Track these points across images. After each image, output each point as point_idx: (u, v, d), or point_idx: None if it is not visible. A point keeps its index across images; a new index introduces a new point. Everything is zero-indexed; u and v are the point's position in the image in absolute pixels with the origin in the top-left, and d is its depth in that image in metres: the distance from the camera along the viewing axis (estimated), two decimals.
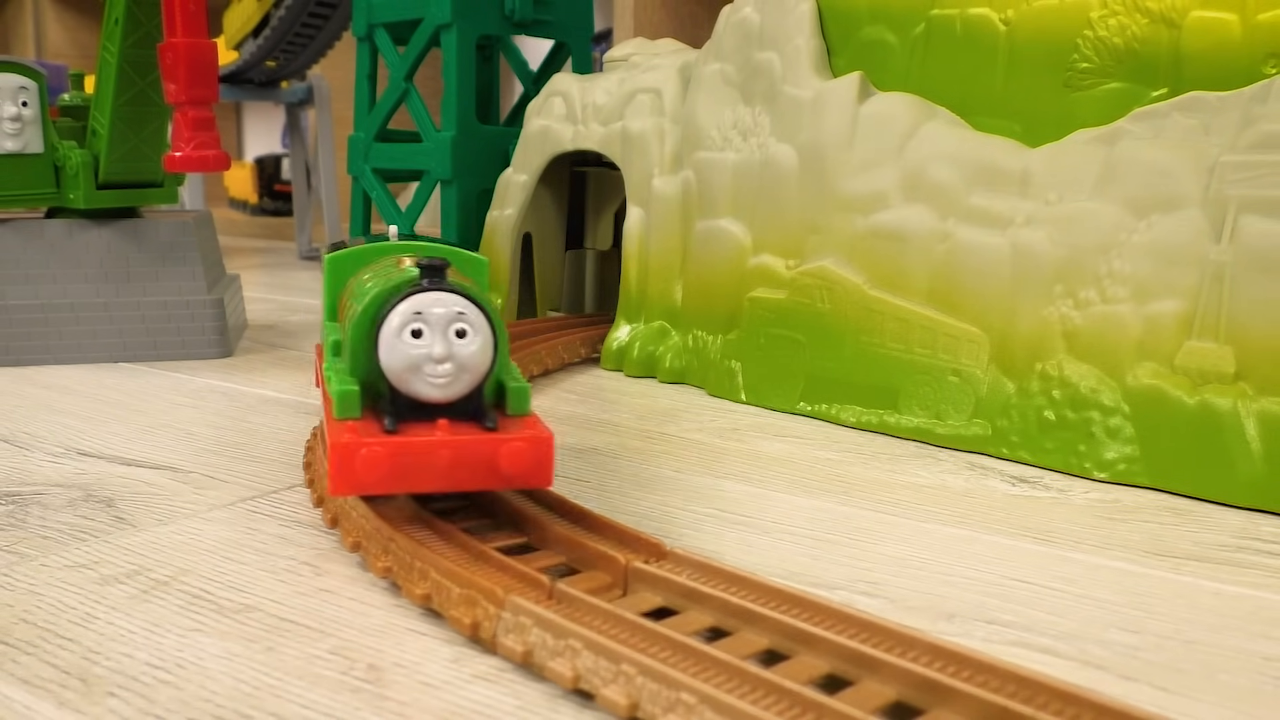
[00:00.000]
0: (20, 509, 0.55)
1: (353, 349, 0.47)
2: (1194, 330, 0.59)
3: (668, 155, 0.90)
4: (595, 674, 0.36)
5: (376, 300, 0.46)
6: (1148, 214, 0.61)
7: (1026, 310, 0.66)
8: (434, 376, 0.45)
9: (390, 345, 0.45)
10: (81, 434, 0.70)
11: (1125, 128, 0.63)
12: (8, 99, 0.90)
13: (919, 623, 0.43)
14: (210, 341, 0.95)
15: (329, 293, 0.56)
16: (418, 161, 1.15)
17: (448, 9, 1.09)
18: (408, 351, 0.45)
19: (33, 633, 0.41)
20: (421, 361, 0.45)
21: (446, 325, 0.45)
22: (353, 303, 0.49)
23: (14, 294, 0.91)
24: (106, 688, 0.37)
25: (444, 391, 0.45)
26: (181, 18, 0.80)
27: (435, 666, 0.39)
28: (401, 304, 0.45)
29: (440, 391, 0.45)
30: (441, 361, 0.45)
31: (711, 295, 0.84)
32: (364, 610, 0.43)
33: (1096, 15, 0.66)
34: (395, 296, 0.46)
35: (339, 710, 0.36)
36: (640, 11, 1.43)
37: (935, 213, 0.70)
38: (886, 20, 0.77)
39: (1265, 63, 0.60)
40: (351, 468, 0.43)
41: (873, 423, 0.72)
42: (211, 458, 0.65)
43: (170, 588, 0.46)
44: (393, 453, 0.43)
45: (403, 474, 0.44)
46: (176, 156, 0.83)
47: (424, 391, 0.45)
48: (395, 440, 0.44)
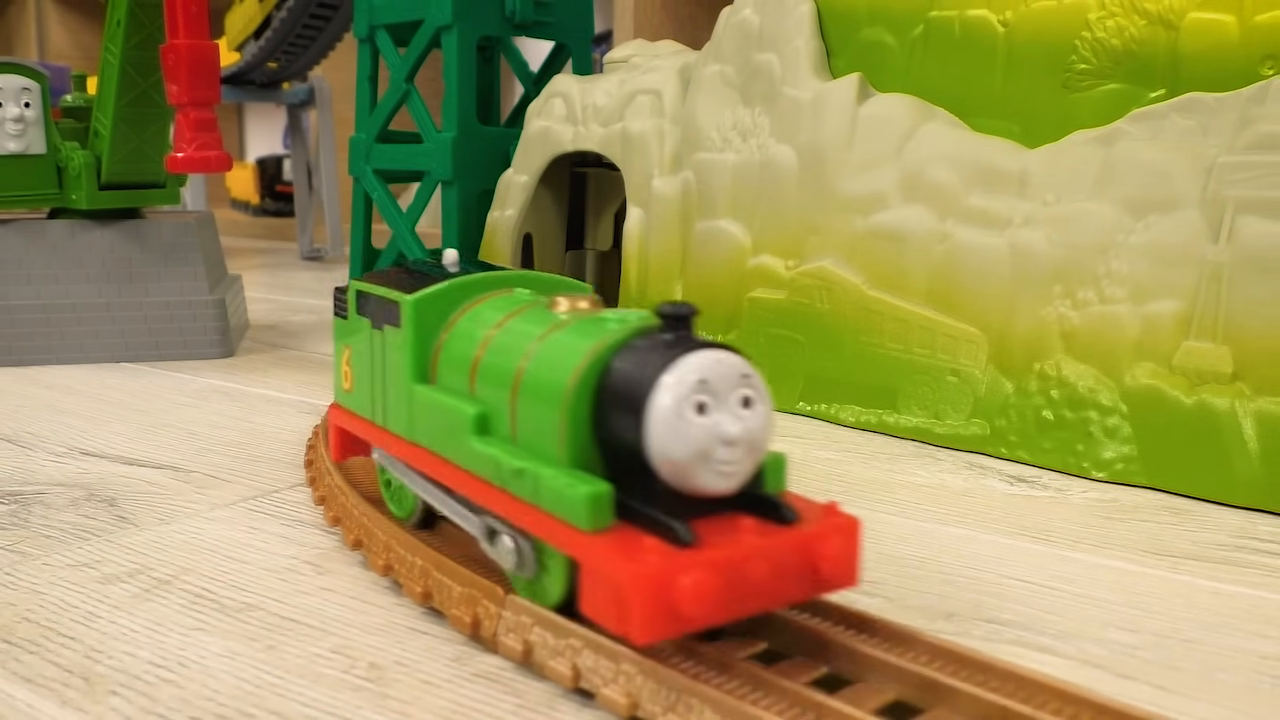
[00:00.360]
0: (23, 508, 0.55)
1: (550, 427, 0.36)
2: (1191, 330, 0.59)
3: (668, 156, 0.90)
4: (595, 673, 0.36)
5: (599, 362, 0.36)
6: (1146, 214, 0.61)
7: (1025, 310, 0.66)
8: (726, 464, 0.34)
9: (671, 426, 0.33)
10: (84, 434, 0.70)
11: (1123, 129, 0.63)
12: (11, 100, 0.90)
13: (918, 622, 0.43)
14: (212, 341, 0.95)
15: (415, 345, 0.43)
16: (419, 162, 1.15)
17: (448, 10, 1.09)
18: (696, 434, 0.33)
19: (35, 631, 0.41)
20: (712, 446, 0.34)
21: (731, 393, 0.34)
22: (504, 360, 0.39)
23: (17, 294, 0.91)
24: (109, 686, 0.37)
25: (733, 481, 0.35)
26: (183, 19, 0.80)
27: (436, 665, 0.39)
28: (677, 369, 0.34)
29: (730, 482, 0.35)
30: (734, 443, 0.34)
31: (711, 295, 0.84)
32: (365, 609, 0.43)
33: (1094, 17, 0.66)
34: (654, 358, 0.34)
35: (341, 708, 0.36)
36: (640, 13, 1.43)
37: (934, 213, 0.70)
38: (885, 22, 0.76)
39: (1262, 64, 0.60)
40: (672, 604, 0.32)
41: (872, 422, 0.72)
42: (213, 457, 0.65)
43: (172, 587, 0.46)
44: (723, 575, 0.33)
45: (729, 600, 0.33)
46: (178, 157, 0.83)
47: (710, 484, 0.34)
48: (716, 558, 0.33)
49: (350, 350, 0.49)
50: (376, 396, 0.47)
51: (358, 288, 0.48)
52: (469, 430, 0.39)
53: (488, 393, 0.40)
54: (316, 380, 0.86)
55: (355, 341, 0.48)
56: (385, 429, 0.46)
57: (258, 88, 1.70)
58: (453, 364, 0.42)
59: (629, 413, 0.34)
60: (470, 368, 0.41)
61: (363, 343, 0.48)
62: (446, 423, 0.41)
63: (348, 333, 0.49)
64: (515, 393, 0.38)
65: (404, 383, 0.44)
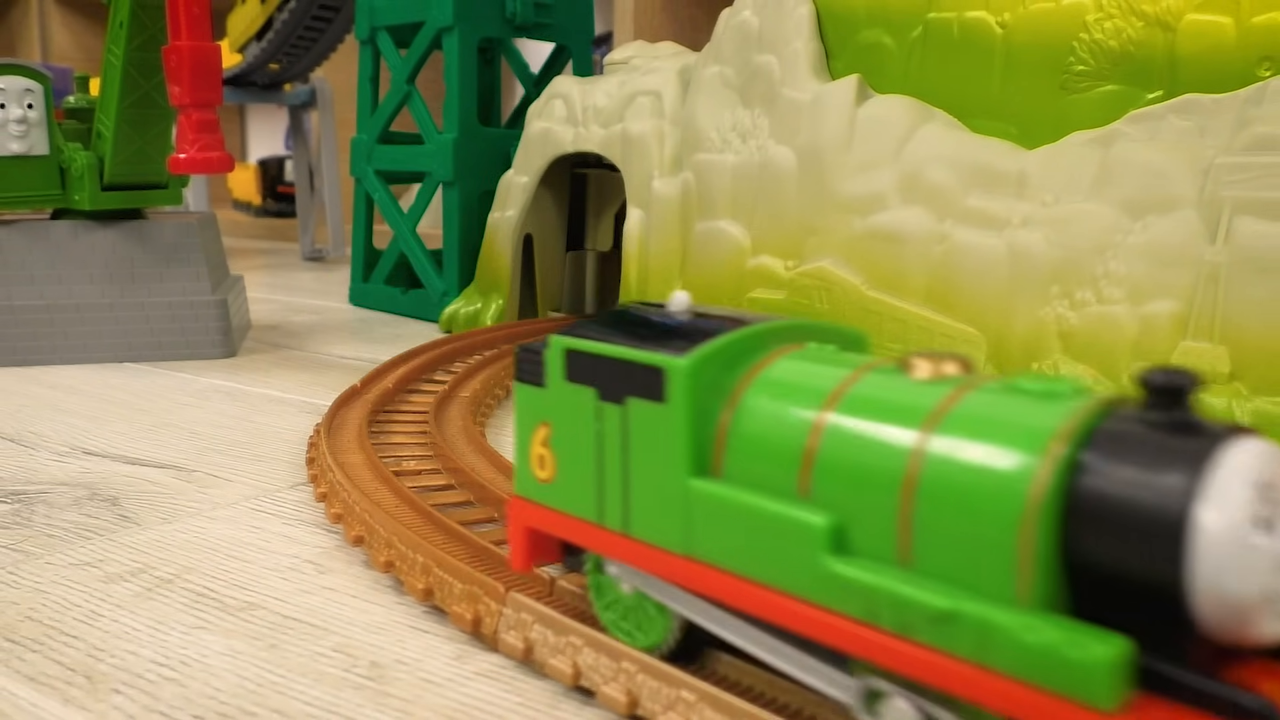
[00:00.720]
0: (26, 507, 0.55)
1: (995, 551, 0.26)
2: (1189, 331, 0.59)
3: (667, 157, 0.90)
4: (596, 671, 0.36)
5: (1070, 459, 0.26)
6: (1143, 215, 0.61)
7: (1023, 311, 0.66)
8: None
9: (1230, 554, 0.24)
10: (87, 433, 0.70)
11: (1121, 130, 0.63)
12: (14, 101, 0.90)
13: None
14: (214, 342, 0.95)
15: (692, 426, 0.32)
16: (420, 163, 1.15)
17: (449, 12, 1.09)
18: (1264, 563, 0.24)
19: (38, 630, 0.41)
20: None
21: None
22: (869, 450, 0.29)
23: (20, 295, 0.91)
24: (111, 685, 0.37)
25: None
26: (186, 21, 0.80)
27: (437, 664, 0.39)
28: (1223, 470, 0.24)
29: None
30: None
31: (711, 296, 0.84)
32: (367, 608, 0.44)
33: (1092, 18, 0.66)
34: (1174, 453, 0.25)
35: (342, 707, 0.36)
36: (640, 15, 1.43)
37: (932, 214, 0.70)
38: (884, 23, 0.77)
39: (1259, 65, 0.60)
40: None
41: None
42: (215, 457, 0.65)
43: (174, 586, 0.46)
44: None
45: None
46: (181, 158, 0.83)
47: (1272, 631, 0.24)
48: None
49: (550, 429, 0.37)
50: (609, 493, 0.35)
51: (571, 346, 0.36)
52: (820, 548, 0.29)
53: (842, 496, 0.29)
54: (318, 380, 0.86)
55: (562, 418, 0.36)
56: (628, 536, 0.34)
57: (260, 89, 1.70)
58: (758, 452, 0.32)
59: (1150, 536, 0.24)
60: (799, 459, 0.30)
61: (579, 420, 0.36)
62: (767, 535, 0.30)
63: (545, 406, 0.37)
64: (909, 498, 0.28)
65: (672, 477, 0.33)
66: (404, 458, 0.59)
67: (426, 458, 0.60)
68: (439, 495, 0.53)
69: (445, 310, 1.09)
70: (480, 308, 1.06)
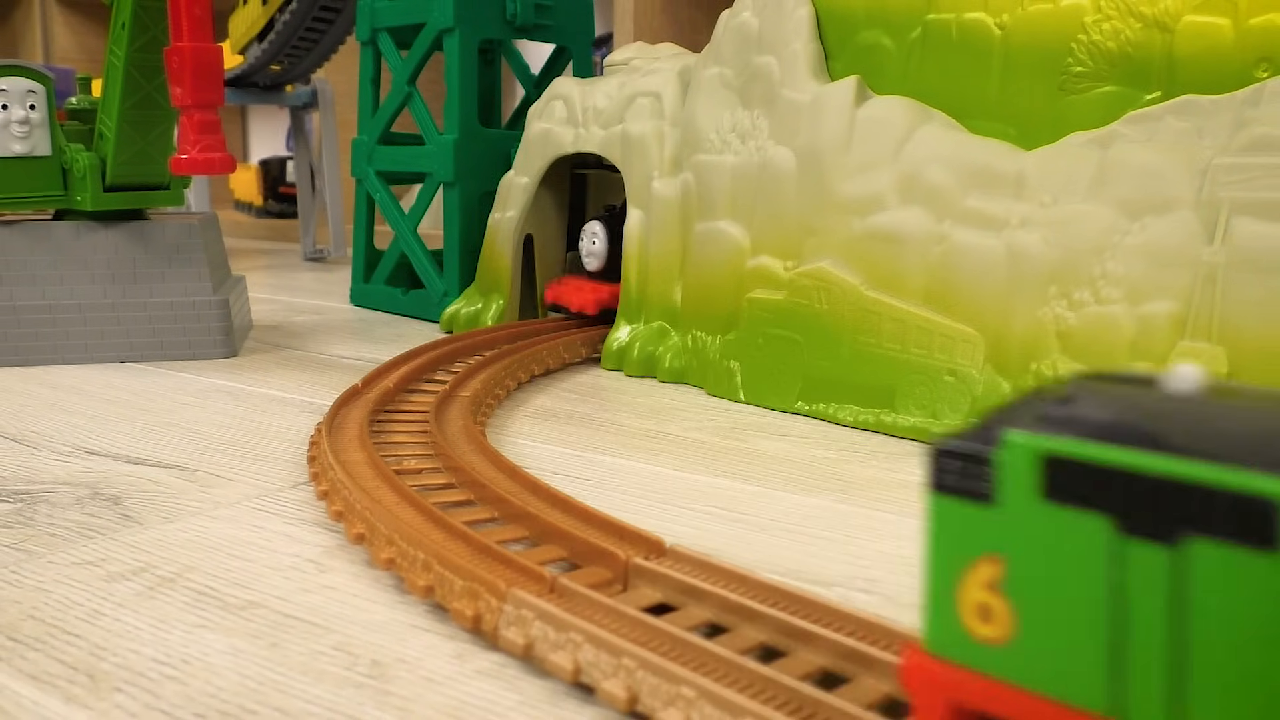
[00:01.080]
0: (28, 507, 0.55)
1: None
2: (1187, 331, 0.59)
3: (667, 158, 0.90)
4: (596, 667, 0.36)
5: None
6: (1141, 216, 0.61)
7: (1021, 311, 0.66)
8: None
9: None
10: (89, 433, 0.70)
11: (1119, 131, 0.63)
12: (16, 103, 0.90)
13: (915, 620, 0.43)
14: (216, 342, 0.95)
15: None
16: (420, 164, 1.15)
17: (450, 13, 1.09)
18: None
19: (40, 629, 0.41)
20: None
21: None
22: None
23: (22, 295, 0.91)
24: (113, 683, 0.37)
25: None
26: (187, 22, 0.80)
27: (438, 662, 0.39)
28: None
29: None
30: None
31: (710, 296, 0.84)
32: (367, 607, 0.43)
33: (1090, 20, 0.66)
34: None
35: (343, 705, 0.36)
36: (640, 16, 1.43)
37: (931, 215, 0.70)
38: (883, 24, 0.76)
39: (1257, 66, 0.60)
40: None
41: (870, 422, 0.72)
42: (217, 456, 0.65)
43: (176, 585, 0.46)
44: None
45: None
46: (182, 159, 0.83)
47: None
48: None
49: (1005, 567, 0.26)
50: (1141, 675, 0.23)
51: (1059, 452, 0.24)
52: None
53: None
54: (319, 380, 0.86)
55: (1032, 554, 0.25)
56: None
57: (261, 90, 1.70)
58: None
59: None
60: None
61: (1072, 561, 0.24)
62: None
63: (995, 533, 0.26)
64: None
65: None
66: (405, 457, 0.59)
67: (427, 457, 0.60)
68: (440, 494, 0.53)
69: (446, 310, 1.09)
70: (481, 308, 1.06)
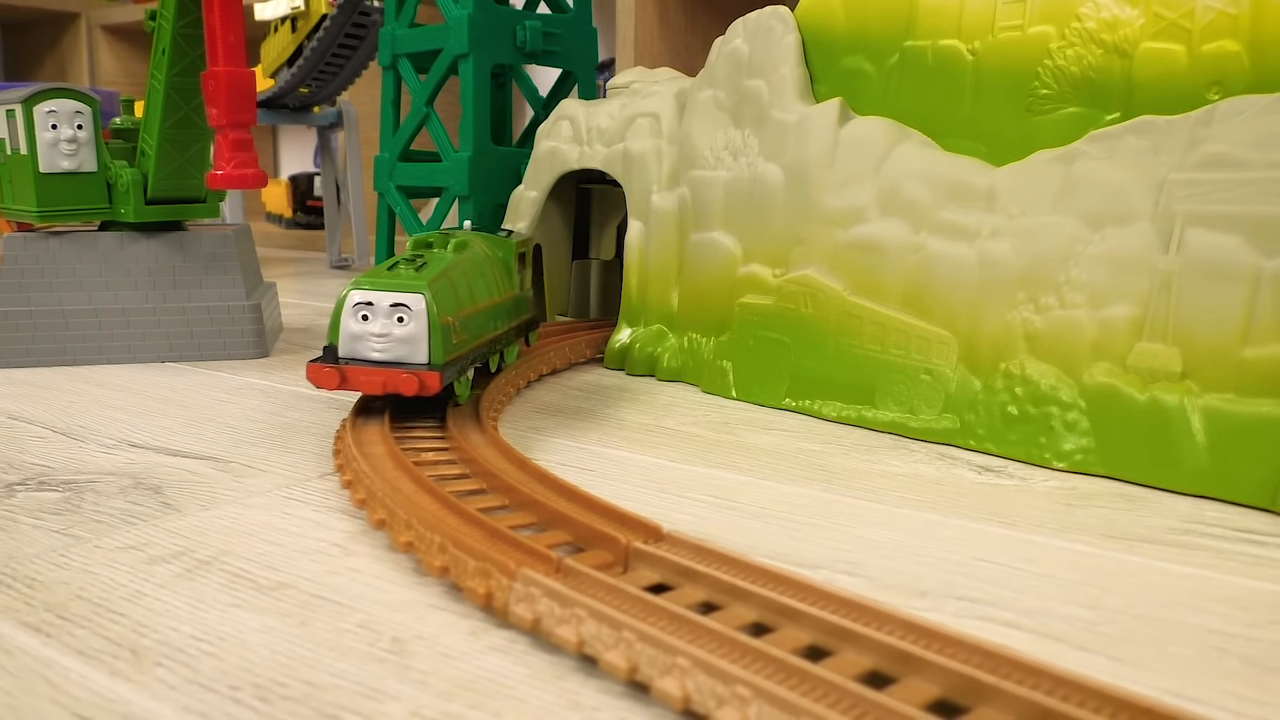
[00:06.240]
0: (76, 495, 0.55)
1: None
2: (1144, 333, 0.59)
3: (665, 173, 0.90)
4: (598, 640, 0.36)
5: None
6: (1102, 227, 0.61)
7: (991, 315, 0.66)
8: None
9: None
10: (132, 427, 0.70)
11: (1082, 148, 0.64)
12: (65, 123, 0.90)
13: (894, 599, 0.43)
14: (249, 343, 0.95)
15: None
16: (437, 179, 1.15)
17: (465, 41, 1.10)
18: None
19: (87, 608, 0.41)
20: None
21: None
22: None
23: (70, 300, 0.91)
24: (154, 658, 0.37)
25: None
26: (223, 48, 0.80)
27: (454, 639, 0.39)
28: None
29: None
30: None
31: (705, 301, 0.84)
32: (388, 588, 0.44)
33: (1055, 46, 0.66)
34: None
35: (366, 679, 0.36)
36: (640, 43, 1.43)
37: (909, 226, 0.70)
38: (864, 51, 0.77)
39: (1209, 89, 0.60)
40: None
41: (852, 417, 0.72)
42: (250, 449, 0.65)
43: (213, 567, 0.46)
44: None
45: None
46: (218, 175, 0.83)
47: None
48: None
49: None
50: None
51: None
52: None
53: None
54: None
55: None
56: None
57: (290, 111, 1.70)
58: None
59: None
60: None
61: None
62: None
63: None
64: None
65: None
66: (423, 450, 0.59)
67: (443, 450, 0.60)
68: (455, 484, 0.53)
69: None
70: None
